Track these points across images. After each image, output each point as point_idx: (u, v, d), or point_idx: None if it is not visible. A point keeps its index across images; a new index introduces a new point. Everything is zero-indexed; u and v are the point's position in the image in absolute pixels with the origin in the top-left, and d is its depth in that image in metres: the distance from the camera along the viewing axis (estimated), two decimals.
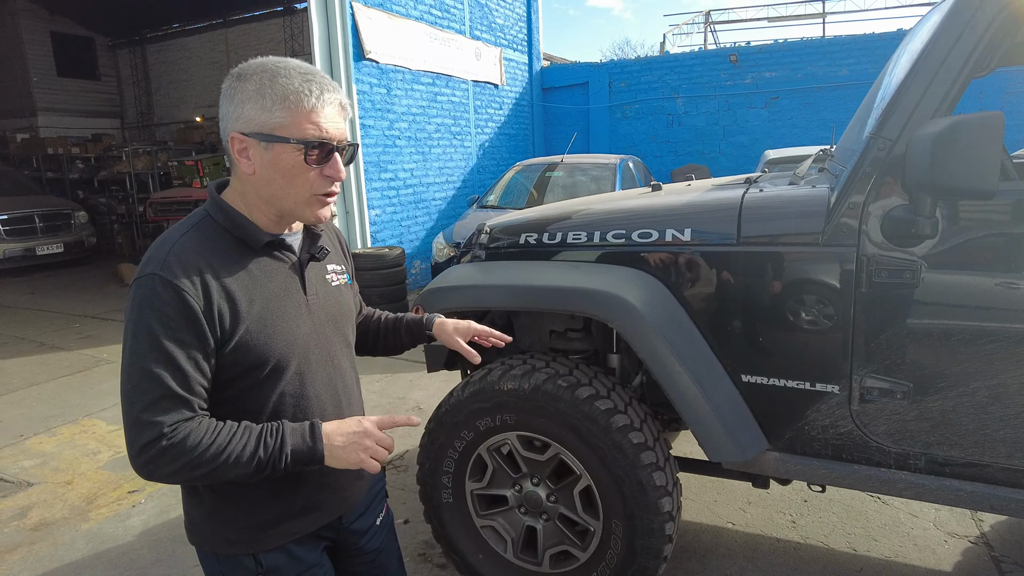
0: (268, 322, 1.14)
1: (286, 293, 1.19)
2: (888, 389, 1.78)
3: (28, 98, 14.21)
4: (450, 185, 8.78)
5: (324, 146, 1.11)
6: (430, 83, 8.18)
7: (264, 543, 1.22)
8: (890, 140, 1.69)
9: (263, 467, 1.08)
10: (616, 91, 10.67)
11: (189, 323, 1.05)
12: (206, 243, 1.12)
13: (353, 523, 1.38)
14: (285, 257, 1.21)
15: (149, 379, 1.03)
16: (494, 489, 2.29)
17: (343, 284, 1.37)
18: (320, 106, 1.10)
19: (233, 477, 1.08)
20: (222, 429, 1.07)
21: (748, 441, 1.93)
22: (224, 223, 1.16)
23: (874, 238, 1.73)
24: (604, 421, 1.97)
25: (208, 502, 1.21)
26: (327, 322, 1.27)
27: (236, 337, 1.10)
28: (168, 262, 1.06)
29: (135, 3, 13.53)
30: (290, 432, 1.11)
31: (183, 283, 1.05)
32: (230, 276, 1.11)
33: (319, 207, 1.16)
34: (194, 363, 1.06)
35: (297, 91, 1.08)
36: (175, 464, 1.03)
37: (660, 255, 2.05)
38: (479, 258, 2.45)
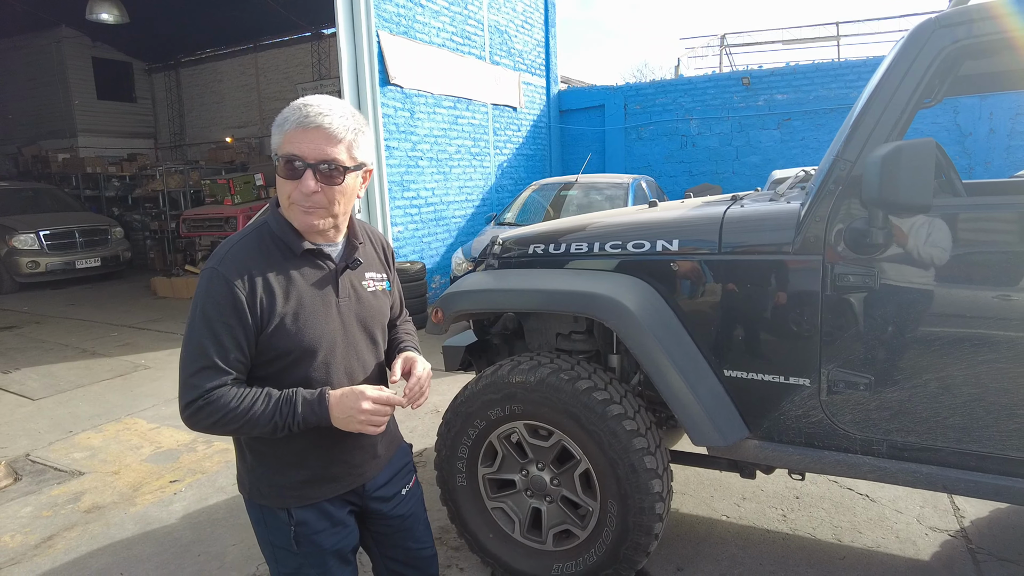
0: (300, 317, 1.38)
1: (320, 294, 1.42)
2: (852, 381, 2.01)
3: (70, 120, 14.92)
4: (469, 203, 9.11)
5: (293, 162, 1.31)
6: (451, 106, 8.54)
7: (288, 501, 1.46)
8: (850, 161, 1.94)
9: (279, 428, 1.34)
10: (631, 113, 10.98)
11: (234, 310, 1.31)
12: (260, 247, 1.39)
13: (376, 491, 1.60)
14: (324, 264, 1.45)
15: (198, 351, 1.31)
16: (503, 474, 2.53)
17: (380, 290, 1.58)
18: (297, 129, 1.30)
19: (257, 434, 1.35)
20: (248, 394, 1.32)
21: (729, 429, 2.16)
22: (276, 230, 1.41)
23: (837, 247, 1.97)
24: (601, 410, 2.22)
25: (248, 459, 1.48)
26: (355, 322, 1.50)
27: (272, 326, 1.35)
28: (225, 259, 1.34)
29: (171, 30, 14.23)
30: (301, 400, 1.35)
31: (233, 277, 1.32)
32: (273, 275, 1.36)
33: (300, 214, 1.37)
34: (235, 342, 1.32)
35: (285, 117, 1.33)
36: (210, 419, 1.30)
37: (652, 264, 2.30)
38: (492, 267, 2.72)
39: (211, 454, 4.02)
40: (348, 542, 1.56)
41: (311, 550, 1.48)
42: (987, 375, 1.84)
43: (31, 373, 5.89)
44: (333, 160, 1.32)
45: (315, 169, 1.31)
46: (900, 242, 1.89)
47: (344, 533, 1.54)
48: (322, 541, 1.49)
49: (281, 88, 15.06)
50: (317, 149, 1.30)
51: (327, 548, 1.50)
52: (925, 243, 1.87)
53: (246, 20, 13.59)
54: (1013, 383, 1.82)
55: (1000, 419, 1.85)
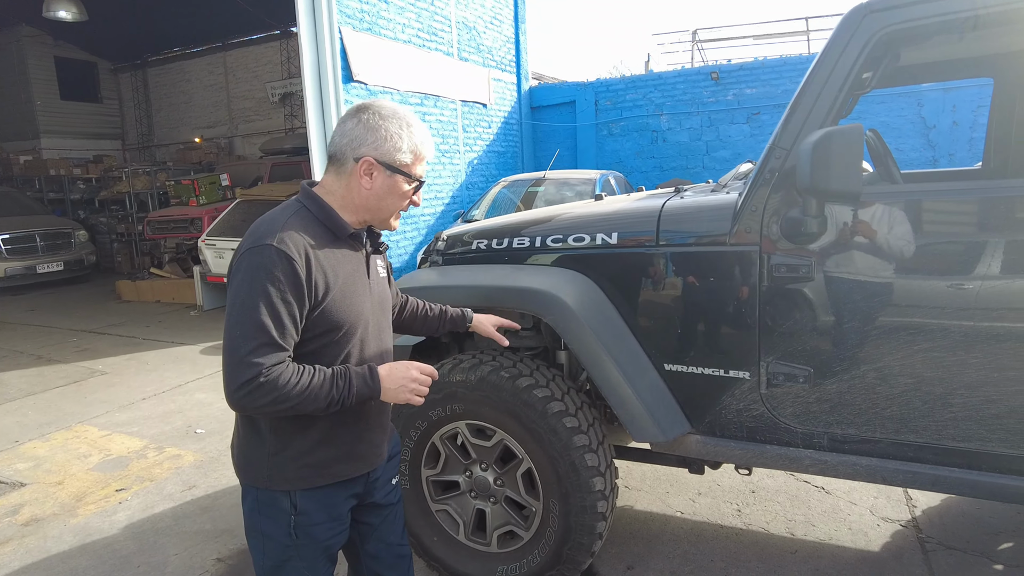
0: (347, 295, 1.45)
1: (358, 275, 1.50)
2: (791, 374, 1.97)
3: (32, 121, 14.57)
4: (439, 201, 9.02)
5: (419, 183, 1.53)
6: (418, 103, 8.45)
7: (315, 480, 1.48)
8: (784, 149, 1.90)
9: (334, 403, 1.36)
10: (602, 109, 10.96)
11: (295, 287, 1.33)
12: (307, 227, 1.42)
13: (378, 477, 1.65)
14: (359, 248, 1.53)
15: (258, 328, 1.30)
16: (447, 475, 2.47)
17: (386, 276, 1.71)
18: (425, 156, 1.52)
19: (311, 410, 1.35)
20: (304, 371, 1.34)
21: (670, 424, 2.12)
22: (318, 214, 1.46)
23: (773, 238, 1.93)
24: (541, 407, 2.16)
25: (271, 444, 1.46)
26: (379, 304, 1.59)
27: (324, 303, 1.39)
28: (282, 236, 1.35)
29: (137, 28, 13.93)
30: (355, 375, 1.40)
31: (294, 254, 1.34)
32: (324, 255, 1.41)
33: (397, 220, 1.57)
34: (293, 320, 1.33)
35: (422, 144, 1.50)
36: (268, 397, 1.29)
37: (592, 257, 2.25)
38: (436, 263, 2.66)
39: (161, 460, 3.90)
40: (339, 540, 1.58)
41: (306, 542, 1.50)
42: (922, 364, 1.82)
43: None
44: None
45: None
46: (835, 231, 1.86)
47: (339, 530, 1.57)
48: (318, 534, 1.51)
49: (251, 87, 14.85)
50: (425, 172, 1.54)
51: (321, 541, 1.52)
52: (859, 231, 1.84)
53: (214, 19, 13.35)
54: (948, 372, 1.79)
55: (935, 408, 1.83)
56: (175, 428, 4.44)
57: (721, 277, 2.02)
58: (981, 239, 1.74)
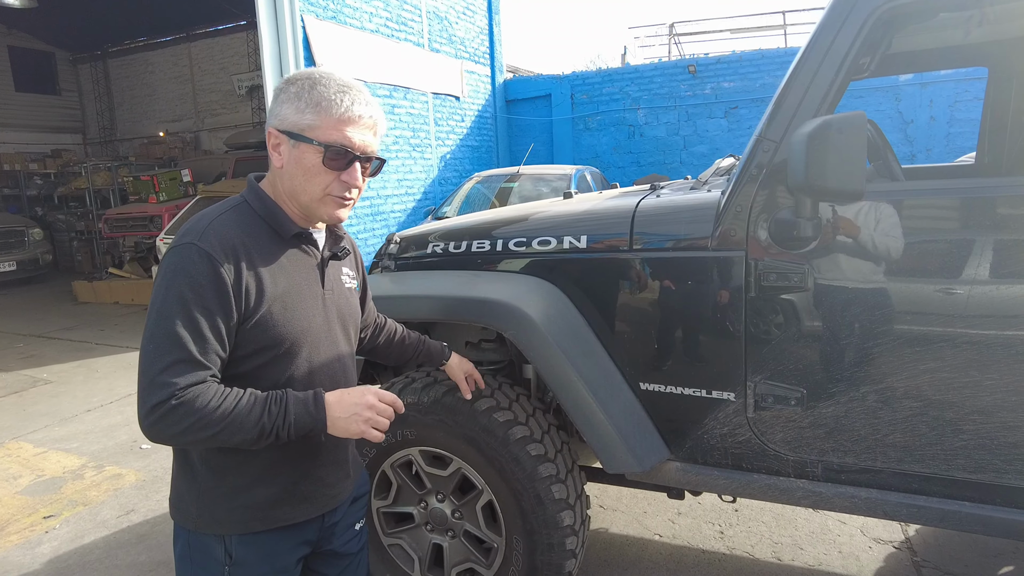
0: (288, 306, 1.21)
1: (307, 283, 1.26)
2: (782, 395, 1.75)
3: None
4: (410, 197, 8.73)
5: (343, 153, 1.18)
6: (387, 95, 8.13)
7: (253, 524, 1.24)
8: (774, 142, 1.67)
9: (266, 433, 1.12)
10: (579, 103, 10.72)
11: (218, 293, 1.11)
12: (242, 224, 1.19)
13: (336, 522, 1.39)
14: (310, 251, 1.29)
15: (172, 342, 1.08)
16: (400, 506, 2.21)
17: (353, 288, 1.44)
18: (347, 116, 1.17)
19: (237, 442, 1.11)
20: (229, 393, 1.11)
21: (646, 451, 1.88)
22: (259, 210, 1.23)
23: (762, 241, 1.70)
24: (502, 433, 1.92)
25: (203, 480, 1.23)
26: (337, 318, 1.34)
27: (258, 315, 1.16)
28: (207, 234, 1.13)
29: (97, 18, 13.35)
30: (294, 401, 1.15)
31: (218, 255, 1.11)
32: (260, 257, 1.18)
33: (334, 207, 1.22)
34: (216, 332, 1.11)
35: (329, 99, 1.16)
36: (182, 424, 1.06)
37: (559, 263, 2.00)
38: (388, 269, 2.39)
39: (99, 481, 3.58)
40: None
41: None
42: (930, 386, 1.60)
43: None
44: (375, 154, 1.24)
45: (361, 161, 1.21)
46: (832, 234, 1.63)
47: None
48: None
49: (217, 80, 14.35)
50: (366, 141, 1.21)
51: None
52: (860, 235, 1.62)
53: (177, 7, 12.83)
54: (958, 395, 1.58)
55: (944, 436, 1.61)
56: (119, 443, 4.12)
57: (702, 285, 1.79)
58: (995, 243, 1.53)
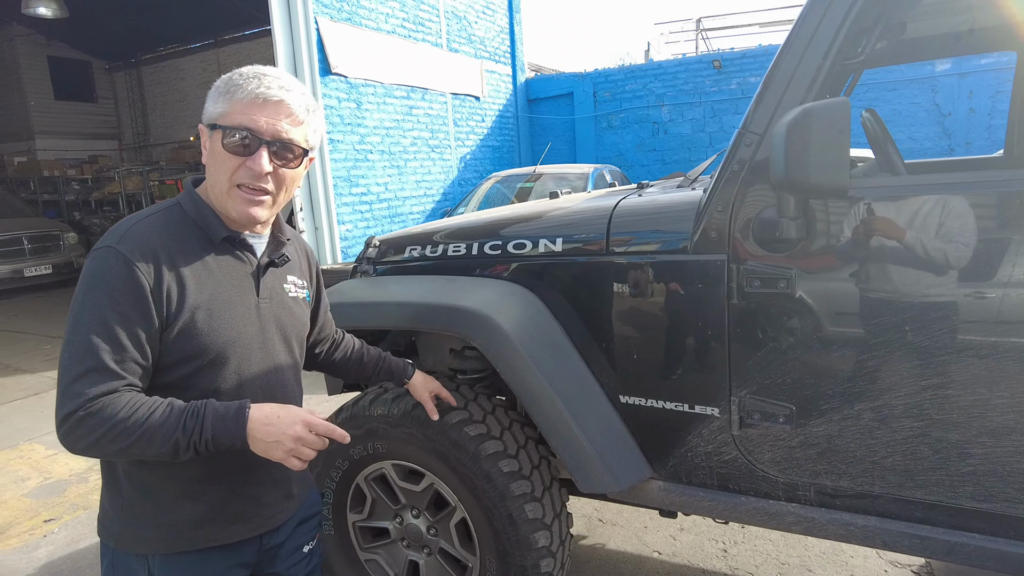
0: (214, 314, 1.15)
1: (238, 291, 1.20)
2: (769, 412, 1.60)
3: (26, 122, 14.37)
4: (429, 198, 8.68)
5: (247, 137, 1.10)
6: (404, 96, 8.10)
7: (177, 544, 1.18)
8: (757, 135, 1.53)
9: (181, 447, 1.05)
10: (601, 100, 10.54)
11: (136, 299, 1.06)
12: (168, 227, 1.15)
13: (279, 543, 1.32)
14: (245, 257, 1.23)
15: (86, 350, 1.04)
16: (375, 521, 2.12)
17: (301, 298, 1.36)
18: (254, 100, 1.11)
19: (152, 455, 1.05)
20: (143, 403, 1.05)
21: (624, 469, 1.75)
22: (191, 212, 1.18)
23: (745, 244, 1.56)
24: (473, 448, 1.81)
25: (127, 494, 1.17)
26: (275, 329, 1.27)
27: (180, 322, 1.10)
28: (126, 237, 1.09)
29: (130, 27, 13.68)
30: (213, 415, 1.07)
31: (135, 258, 1.07)
32: (185, 262, 1.13)
33: (243, 202, 1.15)
34: (134, 340, 1.06)
35: (237, 84, 1.12)
36: (93, 435, 1.02)
37: (534, 267, 1.89)
38: (367, 273, 2.30)
39: None
40: None
41: None
42: (932, 405, 1.44)
43: None
44: (290, 140, 1.15)
45: (270, 147, 1.13)
46: (820, 235, 1.48)
47: None
48: None
49: None
50: (275, 125, 1.13)
51: None
52: (850, 235, 1.46)
53: (205, 15, 13.05)
54: (964, 415, 1.41)
55: (950, 460, 1.45)
56: None
57: (682, 291, 1.65)
58: (1010, 244, 1.36)
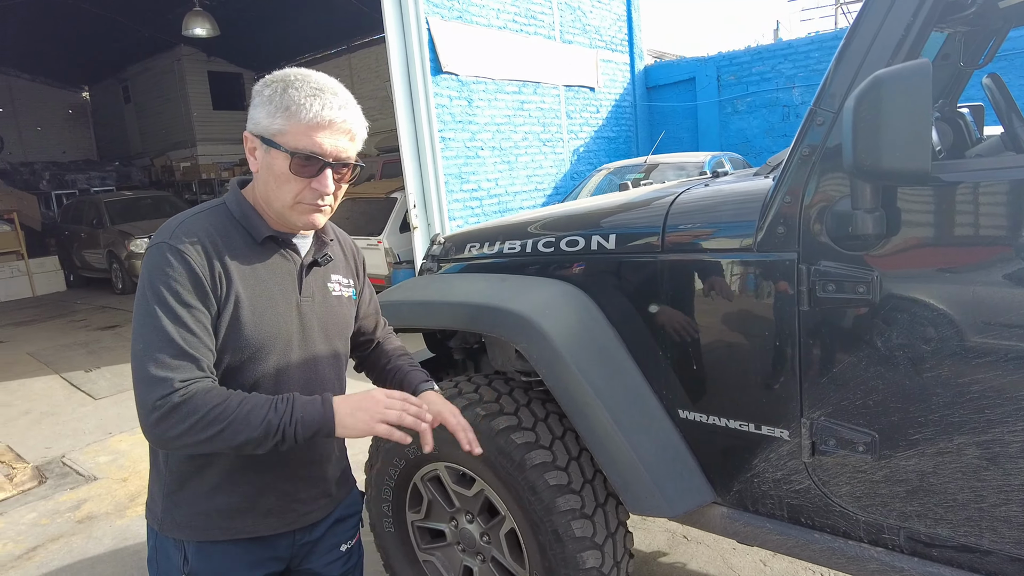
0: (256, 309, 1.18)
1: (280, 289, 1.22)
2: (847, 438, 1.36)
3: (190, 131, 16.10)
4: (540, 192, 8.63)
5: (313, 160, 1.13)
6: (516, 91, 8.09)
7: (211, 532, 1.21)
8: (830, 113, 1.30)
9: (272, 431, 1.07)
10: (726, 85, 9.93)
11: (196, 288, 1.11)
12: (216, 225, 1.19)
13: (315, 540, 1.33)
14: (289, 256, 1.25)
15: (160, 338, 1.07)
16: (432, 522, 2.10)
17: (346, 297, 1.37)
18: (317, 121, 1.12)
19: (241, 442, 1.07)
20: (233, 392, 1.10)
21: (681, 492, 1.58)
22: (236, 212, 1.22)
23: (817, 241, 1.33)
24: (519, 457, 1.72)
25: (167, 481, 1.23)
26: (317, 327, 1.29)
27: (227, 313, 1.14)
28: (177, 233, 1.14)
29: (274, 39, 14.88)
30: (299, 400, 1.12)
31: (189, 251, 1.12)
32: (231, 256, 1.17)
33: (307, 214, 1.18)
34: (201, 325, 1.11)
35: (299, 104, 1.12)
36: (186, 422, 1.04)
37: (586, 266, 1.75)
38: (431, 271, 2.28)
39: None
40: None
41: None
42: None
43: (107, 372, 6.21)
44: (349, 158, 1.18)
45: (332, 167, 1.16)
46: (909, 231, 1.23)
47: None
48: None
49: (374, 87, 15.29)
50: (338, 147, 1.15)
51: None
52: (946, 231, 1.20)
53: (338, 22, 13.88)
54: None
55: None
56: None
57: (745, 296, 1.45)
58: None
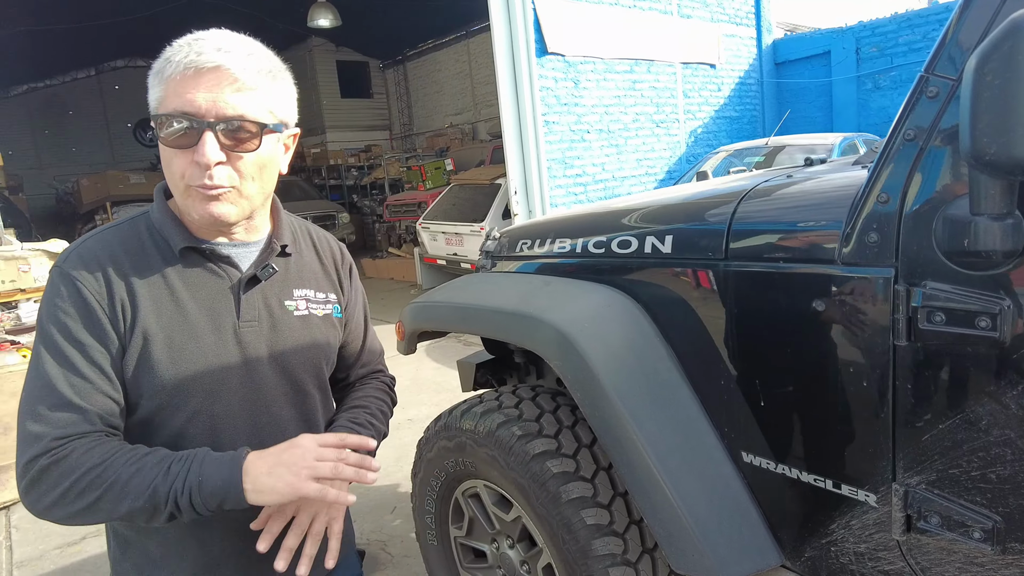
0: (174, 343, 0.96)
1: (209, 313, 1.00)
2: (957, 519, 1.03)
3: (320, 118, 17.01)
4: (651, 177, 8.19)
5: (186, 123, 0.87)
6: (627, 70, 7.69)
7: None
8: (950, 80, 0.96)
9: (162, 500, 0.87)
10: (866, 58, 8.85)
11: (89, 321, 0.92)
12: (128, 240, 0.99)
13: None
14: (222, 271, 1.02)
15: (42, 385, 0.90)
16: (474, 540, 1.95)
17: (319, 316, 1.11)
18: (184, 72, 0.87)
19: (125, 512, 0.88)
20: (125, 448, 0.90)
21: (737, 551, 1.30)
22: (155, 222, 1.01)
23: (923, 255, 1.00)
24: (554, 488, 1.51)
25: (112, 547, 1.08)
26: (267, 359, 1.04)
27: (134, 350, 0.94)
28: (73, 255, 0.95)
29: (398, 27, 15.30)
30: (207, 460, 0.90)
31: (82, 276, 0.93)
32: (141, 277, 0.96)
33: (200, 201, 0.92)
34: (96, 368, 0.91)
35: (166, 59, 0.89)
36: (57, 489, 0.86)
37: (640, 272, 1.49)
38: (484, 268, 2.11)
39: None
40: None
41: None
42: None
43: None
44: (240, 116, 0.89)
45: (216, 130, 0.89)
46: None
47: None
48: None
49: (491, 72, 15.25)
50: (218, 101, 0.88)
51: None
52: None
53: (458, 7, 14.01)
54: None
55: None
56: None
57: (825, 320, 1.14)
58: None
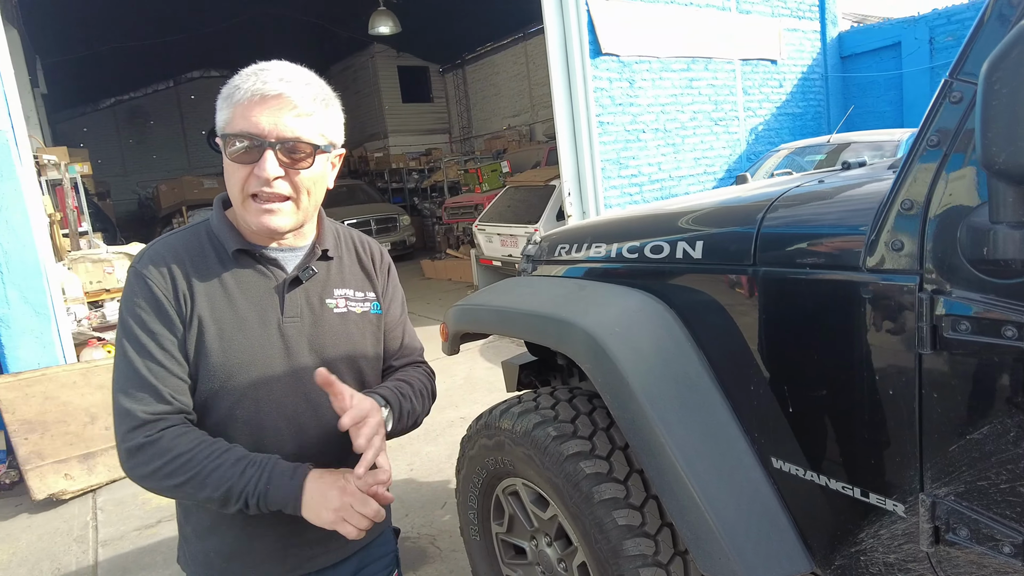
0: (224, 333, 1.10)
1: (257, 310, 1.13)
2: (985, 532, 1.01)
3: (382, 123, 17.46)
4: (709, 176, 8.03)
5: (249, 141, 1.02)
6: (683, 68, 7.57)
7: (212, 573, 1.18)
8: (973, 84, 0.94)
9: (234, 497, 1.01)
10: (940, 48, 8.39)
11: (158, 312, 1.07)
12: (189, 244, 1.14)
13: None
14: (269, 272, 1.15)
15: (128, 369, 1.05)
16: (514, 537, 2.00)
17: (357, 313, 1.23)
18: (251, 99, 1.02)
19: (204, 498, 1.02)
20: (207, 441, 1.04)
21: (765, 556, 1.30)
22: (213, 228, 1.16)
23: (948, 263, 0.99)
24: (586, 488, 1.55)
25: (178, 514, 1.24)
26: (308, 351, 1.16)
27: (191, 335, 1.08)
28: (144, 257, 1.11)
29: (457, 32, 15.54)
30: (275, 471, 1.03)
31: (151, 274, 1.08)
32: (199, 277, 1.10)
33: (256, 213, 1.06)
34: (167, 353, 1.06)
35: (235, 86, 1.04)
36: (151, 465, 1.01)
37: (672, 277, 1.51)
38: (525, 272, 2.16)
39: None
40: None
41: None
42: None
43: None
44: (297, 138, 1.04)
45: (276, 149, 1.03)
46: None
47: None
48: None
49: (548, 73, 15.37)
50: (279, 124, 1.03)
51: None
52: None
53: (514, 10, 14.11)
54: None
55: None
56: None
57: (851, 327, 1.13)
58: None
